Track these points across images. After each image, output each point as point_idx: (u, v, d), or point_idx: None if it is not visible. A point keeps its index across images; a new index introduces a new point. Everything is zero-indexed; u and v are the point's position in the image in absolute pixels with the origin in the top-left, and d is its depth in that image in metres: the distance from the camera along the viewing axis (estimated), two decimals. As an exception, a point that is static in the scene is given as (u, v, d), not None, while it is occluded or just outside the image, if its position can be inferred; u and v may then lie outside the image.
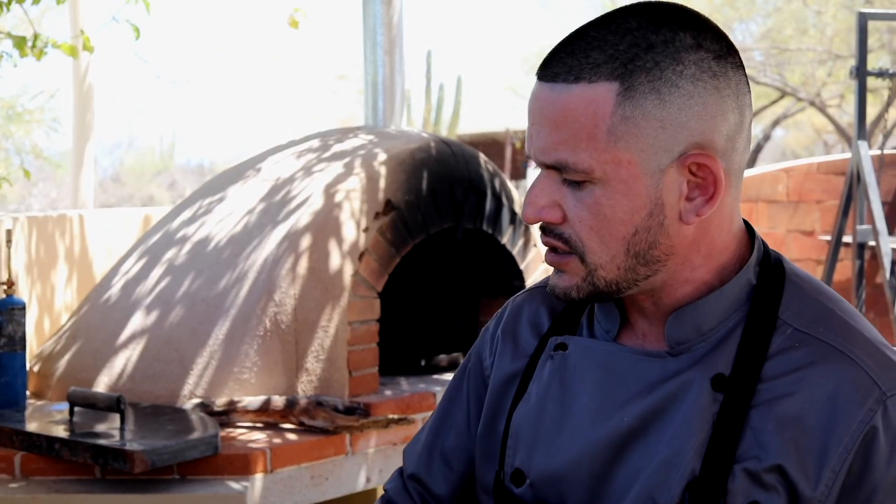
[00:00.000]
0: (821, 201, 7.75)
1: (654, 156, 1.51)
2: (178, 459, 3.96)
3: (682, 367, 1.57)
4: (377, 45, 5.38)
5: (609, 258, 1.55)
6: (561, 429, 1.65)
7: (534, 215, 1.57)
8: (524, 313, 1.82)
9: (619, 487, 1.58)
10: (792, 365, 1.54)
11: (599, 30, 1.52)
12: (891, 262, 6.33)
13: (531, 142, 1.56)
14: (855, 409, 1.49)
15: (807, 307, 1.59)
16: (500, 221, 5.42)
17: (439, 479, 1.85)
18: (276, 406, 4.45)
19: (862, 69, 6.72)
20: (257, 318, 4.58)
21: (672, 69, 1.49)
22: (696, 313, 1.58)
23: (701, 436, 1.52)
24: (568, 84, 1.51)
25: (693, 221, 1.54)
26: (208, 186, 5.36)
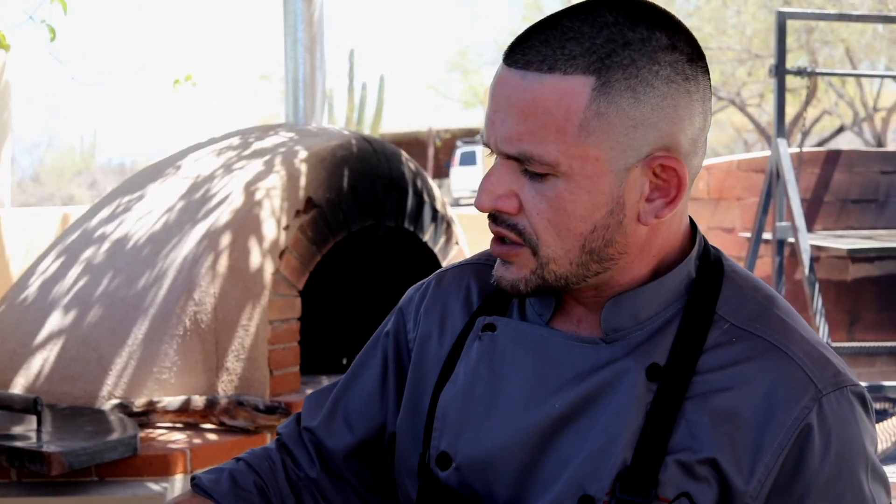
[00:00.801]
0: (741, 198, 7.83)
1: (622, 154, 1.49)
2: (97, 461, 3.91)
3: (616, 356, 1.56)
4: (298, 43, 5.37)
5: (563, 252, 1.53)
6: (490, 413, 1.62)
7: (489, 204, 1.54)
8: (453, 289, 1.79)
9: (549, 475, 1.57)
10: (729, 359, 1.53)
11: (574, 21, 1.48)
12: (810, 259, 6.39)
13: (493, 129, 1.52)
14: (791, 406, 1.49)
15: (744, 304, 1.59)
16: (421, 219, 5.43)
17: (337, 438, 1.82)
18: (196, 406, 4.42)
19: (781, 68, 6.79)
20: (177, 317, 4.55)
21: (648, 69, 1.46)
22: (634, 301, 1.57)
23: (634, 426, 1.51)
24: (541, 73, 1.47)
25: (651, 223, 1.53)
26: (127, 184, 5.31)
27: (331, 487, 1.84)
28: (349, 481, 1.84)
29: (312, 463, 1.84)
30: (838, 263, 7.97)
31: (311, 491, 1.84)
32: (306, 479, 1.84)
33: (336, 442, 1.82)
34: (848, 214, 8.02)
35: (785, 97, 6.85)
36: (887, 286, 8.08)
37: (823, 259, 7.91)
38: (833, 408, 1.50)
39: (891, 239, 7.23)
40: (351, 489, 1.84)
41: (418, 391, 1.75)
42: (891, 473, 6.23)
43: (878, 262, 8.02)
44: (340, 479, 1.84)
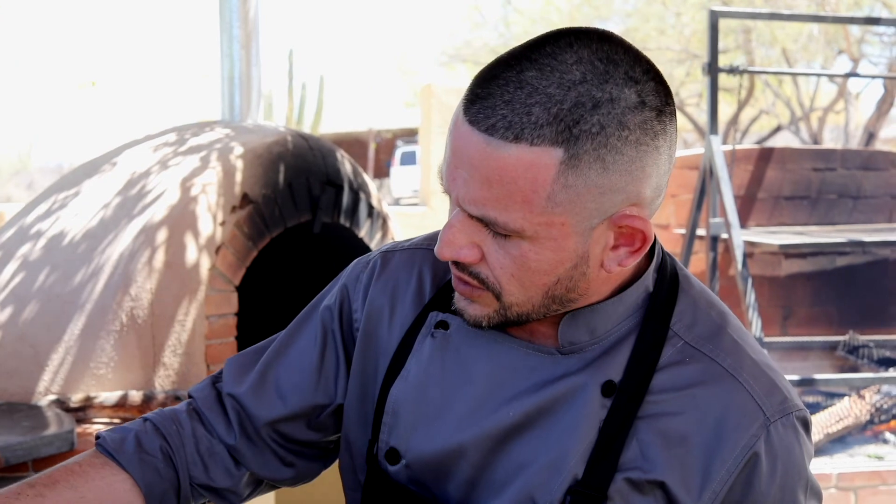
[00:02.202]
0: (675, 195, 7.89)
1: (587, 218, 1.47)
2: (33, 456, 3.93)
3: (572, 369, 1.58)
4: (234, 40, 5.38)
5: (525, 299, 1.53)
6: (442, 414, 1.64)
7: (451, 255, 1.51)
8: (403, 275, 1.79)
9: (499, 480, 1.59)
10: (682, 381, 1.56)
11: (540, 79, 1.42)
12: (743, 255, 6.47)
13: (455, 185, 1.48)
14: (740, 434, 1.53)
15: (698, 321, 1.61)
16: (357, 215, 5.46)
17: (265, 407, 1.80)
18: (134, 401, 4.43)
19: (714, 66, 6.86)
20: (113, 312, 4.55)
21: (617, 135, 1.42)
22: (593, 317, 1.58)
23: (586, 441, 1.54)
24: (507, 142, 1.41)
25: (614, 270, 1.53)
26: (63, 181, 5.31)
27: (249, 453, 1.82)
28: (270, 446, 1.82)
29: (230, 429, 1.82)
30: (772, 259, 8.06)
31: (222, 458, 1.82)
32: (220, 445, 1.82)
33: (264, 411, 1.80)
34: (781, 211, 8.11)
35: (718, 95, 6.91)
36: (819, 282, 8.19)
37: (757, 255, 8.00)
38: (780, 435, 1.55)
39: (822, 235, 7.33)
40: (272, 453, 1.83)
41: (367, 376, 1.75)
42: (822, 465, 6.34)
43: (811, 258, 8.12)
44: (261, 444, 1.82)
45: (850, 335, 7.65)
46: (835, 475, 6.20)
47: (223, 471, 1.82)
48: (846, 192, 8.23)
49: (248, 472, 1.83)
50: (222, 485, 1.82)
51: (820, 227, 7.91)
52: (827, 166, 8.21)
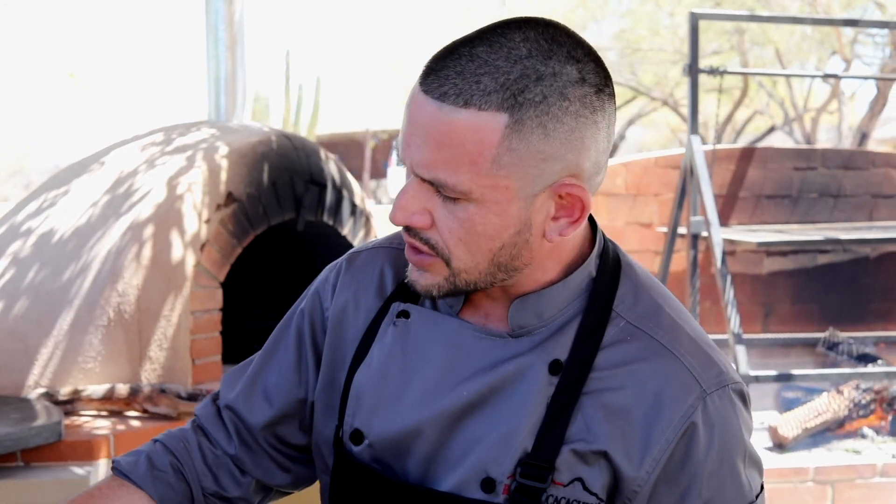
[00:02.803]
0: (658, 194, 7.94)
1: (530, 183, 1.57)
2: (22, 446, 3.97)
3: (521, 350, 1.68)
4: (219, 42, 5.45)
5: (473, 265, 1.63)
6: (402, 396, 1.73)
7: (403, 220, 1.62)
8: (367, 271, 1.89)
9: (455, 455, 1.69)
10: (623, 358, 1.67)
11: (490, 53, 1.54)
12: (722, 252, 6.55)
13: (409, 151, 1.58)
14: (678, 405, 1.64)
15: (639, 301, 1.73)
16: (340, 213, 5.51)
17: (255, 412, 1.92)
18: (120, 394, 4.47)
19: (694, 67, 6.94)
20: (101, 308, 4.60)
21: (558, 105, 1.54)
22: (539, 302, 1.69)
23: (535, 416, 1.65)
24: (457, 107, 1.53)
25: (556, 240, 1.64)
26: (54, 180, 5.36)
27: (249, 461, 1.93)
28: (267, 452, 1.93)
29: (230, 439, 1.93)
30: (753, 257, 8.11)
31: (228, 468, 1.93)
32: (224, 455, 1.93)
33: (255, 416, 1.91)
34: (762, 210, 8.17)
35: (698, 96, 7.00)
36: (801, 279, 8.24)
37: (739, 253, 8.06)
38: (716, 406, 1.66)
39: (801, 233, 7.41)
40: (269, 459, 1.94)
41: (335, 366, 1.85)
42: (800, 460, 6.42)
43: (792, 256, 8.18)
44: (259, 450, 1.93)
45: (831, 332, 7.72)
46: (812, 469, 6.26)
47: (231, 480, 1.94)
48: (827, 191, 8.29)
49: (253, 479, 1.94)
50: (233, 494, 1.94)
51: (801, 226, 7.97)
52: (808, 165, 8.27)
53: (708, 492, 1.66)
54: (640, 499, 1.66)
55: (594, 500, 1.65)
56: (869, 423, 6.87)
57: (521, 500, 1.63)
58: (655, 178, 7.94)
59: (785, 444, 6.55)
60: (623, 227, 7.90)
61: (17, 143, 33.57)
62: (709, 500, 1.66)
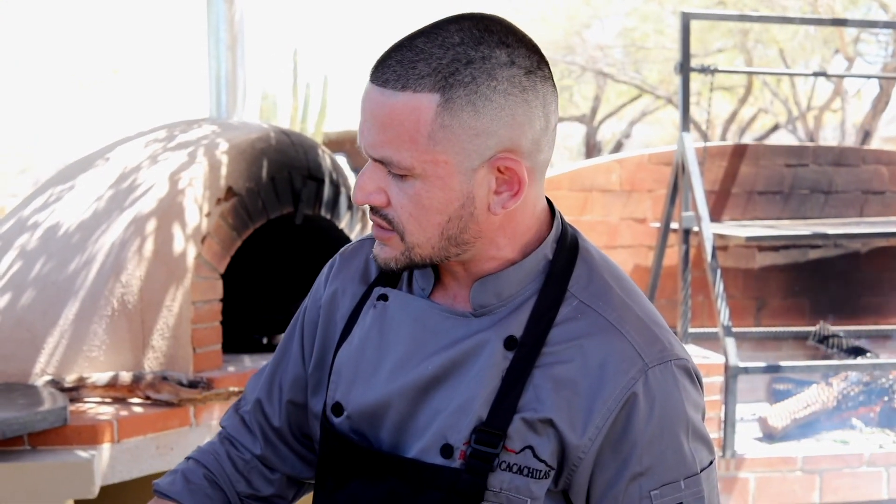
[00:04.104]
0: (652, 190, 8.01)
1: (467, 158, 1.69)
2: (28, 430, 4.06)
3: (482, 328, 1.80)
4: (220, 42, 5.55)
5: (425, 239, 1.75)
6: (376, 370, 1.86)
7: (362, 199, 1.75)
8: (354, 261, 2.03)
9: (421, 425, 1.81)
10: (573, 334, 1.78)
11: (426, 42, 1.68)
12: (712, 247, 6.64)
13: (362, 136, 1.72)
14: (620, 377, 1.74)
15: (592, 282, 1.84)
16: (338, 207, 5.60)
17: (276, 409, 2.07)
18: (124, 381, 4.56)
19: (685, 65, 7.01)
20: (105, 298, 4.68)
21: (487, 84, 1.67)
22: (498, 282, 1.81)
23: (490, 387, 1.76)
24: (396, 91, 1.67)
25: (499, 213, 1.75)
26: (59, 175, 5.43)
27: (275, 458, 2.08)
28: (291, 447, 2.08)
29: (255, 441, 2.08)
30: (745, 252, 8.17)
31: (258, 469, 2.08)
32: (252, 458, 2.08)
33: (275, 412, 2.07)
34: (754, 206, 8.23)
35: (689, 94, 7.06)
36: (792, 274, 8.32)
37: (731, 248, 8.11)
38: (658, 379, 1.76)
39: (790, 228, 7.50)
40: (294, 453, 2.09)
41: (325, 348, 2.00)
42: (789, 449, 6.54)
43: (784, 251, 8.23)
44: (283, 446, 2.08)
45: (821, 325, 7.81)
46: (800, 458, 6.37)
47: (262, 479, 2.08)
48: (818, 187, 8.35)
49: (283, 475, 2.08)
50: (266, 492, 2.09)
51: (792, 221, 8.06)
52: (799, 162, 8.34)
53: (648, 459, 1.76)
54: (584, 465, 1.77)
55: (543, 466, 1.77)
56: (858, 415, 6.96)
57: (476, 464, 1.75)
58: (649, 174, 8.00)
59: (774, 434, 6.66)
60: (617, 223, 7.96)
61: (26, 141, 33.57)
62: (649, 468, 1.77)
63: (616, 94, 26.19)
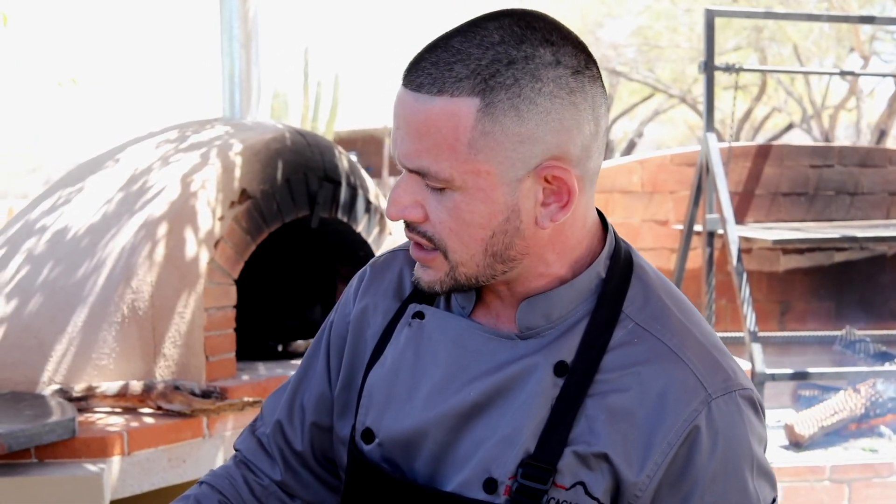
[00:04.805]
0: (674, 192, 7.91)
1: (511, 167, 1.58)
2: (35, 443, 3.97)
3: (529, 351, 1.68)
4: (233, 39, 5.43)
5: (468, 257, 1.64)
6: (412, 395, 1.74)
7: (397, 214, 1.64)
8: (387, 274, 1.91)
9: (461, 456, 1.69)
10: (629, 360, 1.65)
11: (463, 42, 1.57)
12: (738, 250, 6.52)
13: (395, 145, 1.62)
14: (681, 408, 1.61)
15: (649, 303, 1.71)
16: (355, 210, 5.50)
17: (298, 432, 1.94)
18: (134, 391, 4.47)
19: (710, 64, 6.92)
20: (115, 304, 4.60)
21: (531, 86, 1.55)
22: (547, 303, 1.69)
23: (539, 417, 1.64)
24: (432, 96, 1.56)
25: (548, 226, 1.63)
26: (68, 177, 5.36)
27: (296, 484, 1.96)
28: (314, 472, 1.96)
29: (275, 465, 1.96)
30: (770, 255, 8.07)
31: (277, 495, 1.96)
32: (270, 484, 1.96)
33: (297, 435, 1.94)
34: (779, 207, 8.14)
35: (714, 93, 6.98)
36: (817, 277, 8.21)
37: (755, 251, 8.02)
38: (721, 411, 1.63)
39: (817, 230, 7.38)
40: (316, 479, 1.96)
41: (353, 367, 1.87)
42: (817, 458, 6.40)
43: (809, 253, 8.14)
44: (305, 472, 1.96)
45: (847, 330, 7.66)
46: (829, 467, 6.22)
47: None
48: (843, 188, 8.25)
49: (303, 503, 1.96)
50: None
51: (817, 224, 7.94)
52: (824, 163, 8.24)
53: (710, 498, 1.63)
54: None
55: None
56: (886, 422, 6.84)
57: (522, 501, 1.63)
58: (671, 175, 7.92)
59: (801, 443, 6.53)
60: (639, 225, 7.88)
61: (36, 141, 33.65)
62: None
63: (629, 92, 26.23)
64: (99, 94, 30.52)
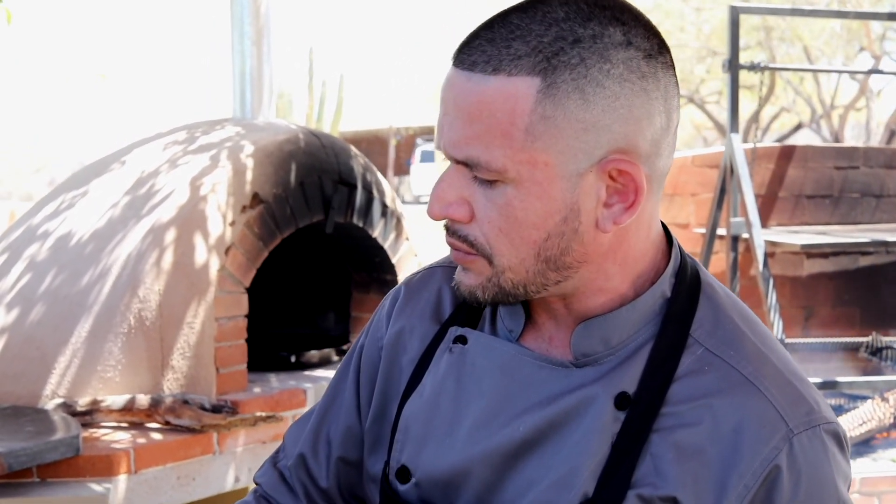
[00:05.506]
0: (696, 194, 7.86)
1: (572, 158, 1.41)
2: (38, 462, 3.88)
3: (585, 381, 1.51)
4: (244, 36, 5.34)
5: (518, 261, 1.47)
6: (453, 430, 1.59)
7: (440, 211, 1.48)
8: (424, 294, 1.75)
9: (509, 499, 1.53)
10: (699, 391, 1.48)
11: (523, 17, 1.41)
12: (764, 255, 6.40)
13: (441, 133, 1.46)
14: (760, 446, 1.45)
15: (720, 326, 1.54)
16: (371, 214, 5.41)
17: (323, 465, 1.79)
18: (141, 405, 4.40)
19: (734, 62, 6.79)
20: (121, 314, 4.52)
21: (598, 67, 1.39)
22: (606, 326, 1.52)
23: (598, 456, 1.47)
24: (486, 75, 1.40)
25: (610, 229, 1.46)
26: (72, 180, 5.28)
27: None
28: None
29: (297, 502, 1.81)
30: (793, 259, 8.01)
31: None
32: None
33: (322, 470, 1.79)
34: (802, 210, 8.08)
35: (738, 93, 6.86)
36: (842, 282, 8.15)
37: (779, 255, 7.96)
38: (804, 448, 1.46)
39: (844, 234, 7.27)
40: None
41: (387, 397, 1.72)
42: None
43: (833, 257, 8.08)
44: None
45: (874, 336, 7.57)
46: (858, 480, 6.12)
47: None
48: (869, 190, 8.19)
49: None
50: None
51: (842, 227, 7.85)
52: (850, 164, 8.18)
53: None
54: None
55: None
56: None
57: None
58: (692, 177, 7.85)
59: (829, 455, 6.42)
60: None
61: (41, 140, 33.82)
62: None
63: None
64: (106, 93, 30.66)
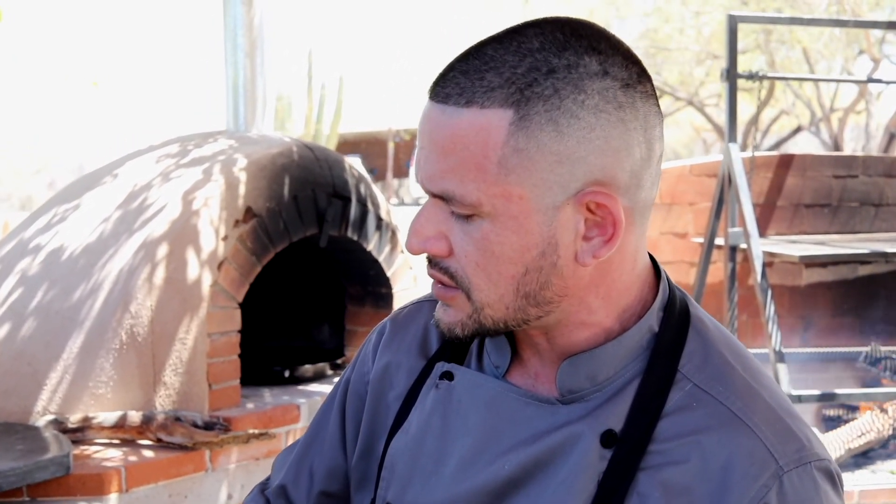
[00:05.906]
0: (693, 203, 7.83)
1: (547, 191, 1.39)
2: (28, 481, 3.88)
3: (571, 418, 1.48)
4: (237, 48, 5.32)
5: (497, 297, 1.44)
6: (438, 467, 1.56)
7: (418, 246, 1.46)
8: (411, 328, 1.73)
9: None
10: (687, 428, 1.45)
11: (498, 48, 1.39)
12: (762, 265, 6.36)
13: (419, 167, 1.44)
14: (748, 483, 1.40)
15: (709, 361, 1.50)
16: (365, 228, 5.39)
17: (304, 496, 1.78)
18: (133, 422, 4.39)
19: (732, 72, 6.74)
20: (113, 330, 4.50)
21: (573, 98, 1.36)
22: (592, 362, 1.48)
23: (584, 495, 1.44)
24: (459, 107, 1.38)
25: (589, 263, 1.42)
26: (64, 193, 5.27)
27: None
28: None
29: None
30: (792, 269, 7.98)
31: None
32: None
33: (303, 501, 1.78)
34: (801, 219, 8.04)
35: (736, 102, 6.81)
36: (841, 291, 8.11)
37: (777, 264, 7.92)
38: (794, 486, 1.42)
39: (843, 245, 7.22)
40: None
41: (373, 433, 1.70)
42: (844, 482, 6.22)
43: (832, 267, 8.04)
44: None
45: (872, 346, 7.53)
46: (857, 492, 6.09)
47: None
48: (868, 199, 8.15)
49: None
50: None
51: (841, 236, 7.80)
52: (848, 173, 8.14)
53: None
54: None
55: None
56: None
57: None
58: (690, 186, 7.82)
59: (828, 467, 6.38)
60: (657, 238, 7.78)
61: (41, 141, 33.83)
62: None
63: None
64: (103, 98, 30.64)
